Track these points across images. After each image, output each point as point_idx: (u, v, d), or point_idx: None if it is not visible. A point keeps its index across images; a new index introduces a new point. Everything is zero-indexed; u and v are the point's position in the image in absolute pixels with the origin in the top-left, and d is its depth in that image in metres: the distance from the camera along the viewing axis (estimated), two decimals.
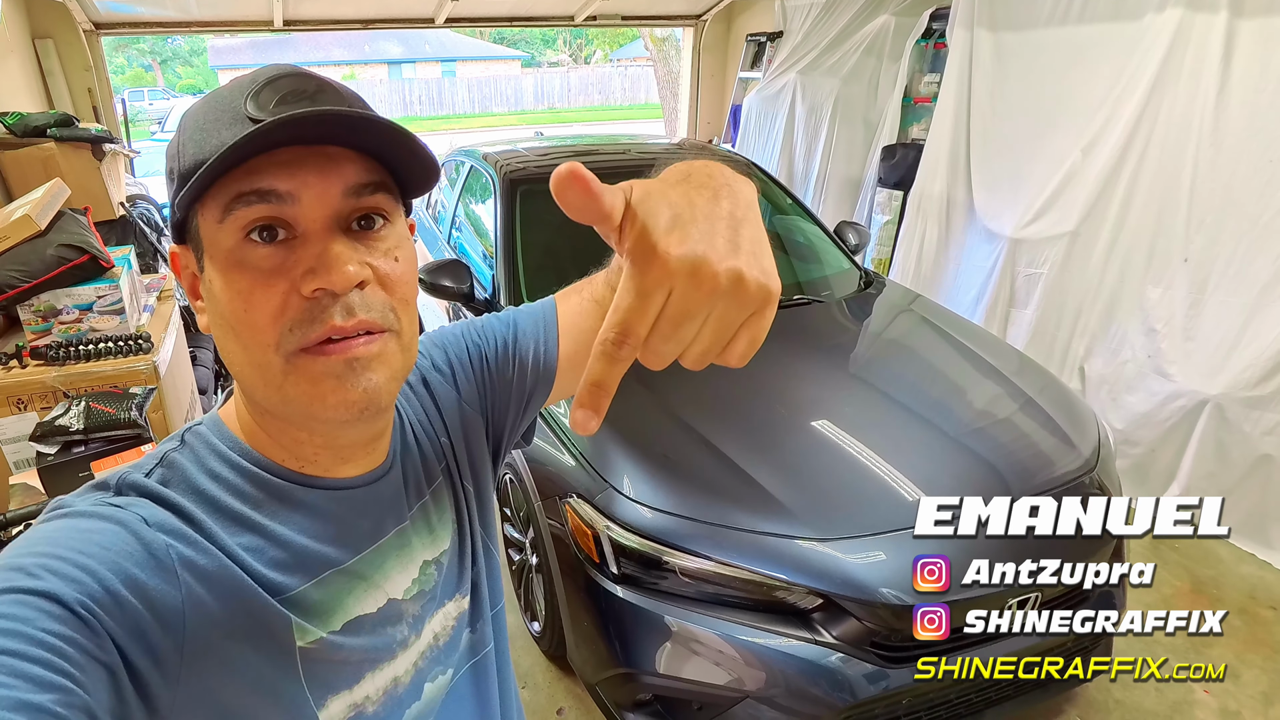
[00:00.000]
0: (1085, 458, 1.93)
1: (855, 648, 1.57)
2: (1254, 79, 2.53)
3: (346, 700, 0.54)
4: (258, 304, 0.47)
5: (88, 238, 1.97)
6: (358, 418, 0.50)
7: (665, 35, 9.62)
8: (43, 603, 0.39)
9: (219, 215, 0.48)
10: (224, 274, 0.48)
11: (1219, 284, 2.68)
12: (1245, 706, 2.08)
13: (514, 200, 2.71)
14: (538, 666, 2.18)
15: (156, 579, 0.45)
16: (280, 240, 0.48)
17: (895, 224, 4.21)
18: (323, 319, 0.48)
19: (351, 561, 0.56)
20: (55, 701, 0.36)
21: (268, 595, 0.50)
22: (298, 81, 0.50)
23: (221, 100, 0.50)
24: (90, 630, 0.40)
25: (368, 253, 0.50)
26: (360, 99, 0.53)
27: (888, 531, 1.65)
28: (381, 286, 0.50)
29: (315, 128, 0.46)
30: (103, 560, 0.43)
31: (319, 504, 0.55)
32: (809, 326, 2.50)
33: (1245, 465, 2.65)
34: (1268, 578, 2.58)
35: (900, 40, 4.26)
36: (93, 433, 1.64)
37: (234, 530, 0.50)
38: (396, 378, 0.52)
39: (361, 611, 0.56)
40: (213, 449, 0.53)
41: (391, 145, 0.50)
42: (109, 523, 0.46)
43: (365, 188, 0.50)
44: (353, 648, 0.55)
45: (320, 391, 0.49)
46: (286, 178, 0.47)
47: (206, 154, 0.47)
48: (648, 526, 1.67)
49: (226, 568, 0.48)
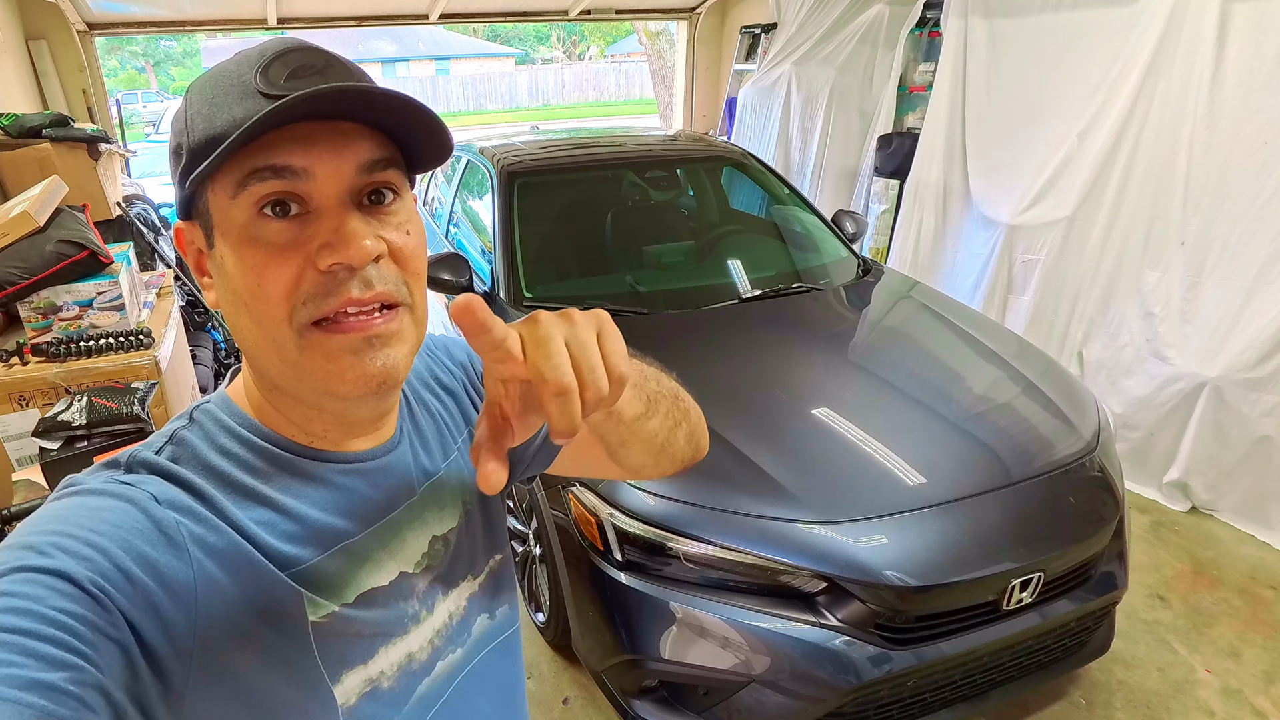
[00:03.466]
0: (1086, 441, 1.94)
1: (860, 630, 1.58)
2: (1248, 61, 2.54)
3: (361, 675, 0.54)
4: (271, 279, 0.47)
5: (87, 234, 1.97)
6: (374, 393, 0.51)
7: (659, 29, 9.61)
8: (54, 581, 0.40)
9: (232, 191, 0.47)
10: (237, 249, 0.48)
11: (1216, 266, 2.69)
12: (1247, 685, 2.09)
13: (511, 193, 2.71)
14: (543, 656, 2.19)
15: (167, 556, 0.45)
16: (294, 215, 0.48)
17: (892, 213, 4.22)
18: (339, 292, 0.48)
19: (363, 535, 0.56)
20: (67, 680, 0.36)
21: (278, 570, 0.50)
22: (306, 56, 0.49)
23: (229, 75, 0.49)
24: (102, 608, 0.40)
25: (380, 227, 0.50)
26: (365, 73, 0.53)
27: (890, 514, 1.66)
28: (394, 260, 0.51)
29: (334, 104, 0.46)
30: (114, 538, 0.43)
31: (330, 477, 0.55)
32: (808, 314, 2.51)
33: (1244, 447, 2.66)
34: (1268, 558, 2.60)
35: (895, 29, 4.26)
36: (95, 427, 1.64)
37: (245, 505, 0.51)
38: (411, 352, 0.53)
39: (374, 584, 0.56)
40: (222, 425, 0.54)
41: (409, 122, 0.50)
42: (119, 500, 0.46)
43: (378, 163, 0.50)
44: (365, 620, 0.55)
45: (339, 368, 0.49)
46: (301, 153, 0.47)
47: (218, 129, 0.47)
48: (651, 513, 1.67)
49: (237, 543, 0.48)
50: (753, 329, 2.35)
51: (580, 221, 2.87)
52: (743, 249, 2.93)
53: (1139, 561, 2.57)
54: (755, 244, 3.02)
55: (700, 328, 2.36)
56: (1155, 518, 2.82)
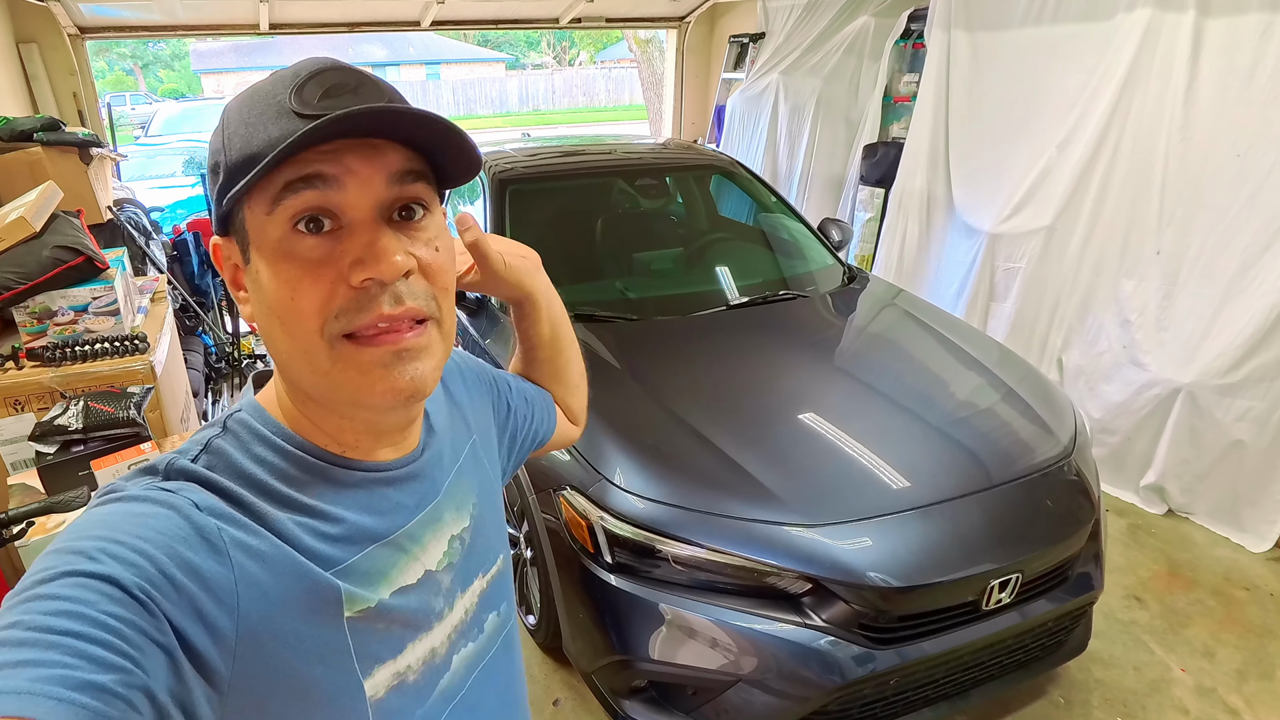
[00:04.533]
0: (1063, 445, 1.99)
1: (844, 630, 1.62)
2: (1221, 75, 2.61)
3: (390, 669, 0.56)
4: (305, 293, 0.49)
5: (82, 240, 1.99)
6: (403, 404, 0.53)
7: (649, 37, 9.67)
8: (103, 586, 0.41)
9: (267, 207, 0.49)
10: (272, 265, 0.50)
11: (1190, 275, 2.76)
12: (1220, 684, 2.15)
13: (503, 200, 2.74)
14: (534, 659, 2.22)
15: (210, 560, 0.46)
16: (327, 231, 0.50)
17: (877, 221, 4.28)
18: (371, 307, 0.50)
19: (394, 535, 0.58)
20: (116, 682, 0.38)
21: (319, 568, 0.51)
22: (340, 75, 0.51)
23: (264, 95, 0.51)
24: (148, 613, 0.41)
25: (410, 243, 0.52)
26: (396, 91, 0.55)
27: (874, 517, 1.71)
28: (424, 276, 0.53)
29: (367, 121, 0.48)
30: (158, 544, 0.44)
31: (361, 483, 0.58)
32: (795, 321, 2.55)
33: (1218, 451, 2.73)
34: (1241, 559, 2.66)
35: (880, 41, 4.33)
36: (91, 432, 1.66)
37: (282, 509, 0.52)
38: (439, 366, 0.55)
39: (405, 582, 0.58)
40: (256, 434, 0.55)
41: (438, 138, 0.52)
42: (161, 507, 0.47)
43: (408, 175, 0.51)
44: (396, 615, 0.57)
45: (369, 380, 0.51)
46: (332, 163, 0.48)
47: (255, 148, 0.49)
48: (641, 516, 1.71)
49: (277, 545, 0.50)
50: (740, 335, 2.40)
51: (570, 228, 2.90)
52: (731, 256, 2.98)
53: (1116, 563, 2.63)
54: (743, 251, 3.07)
55: (688, 334, 2.40)
56: (1133, 520, 2.89)
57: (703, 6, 6.02)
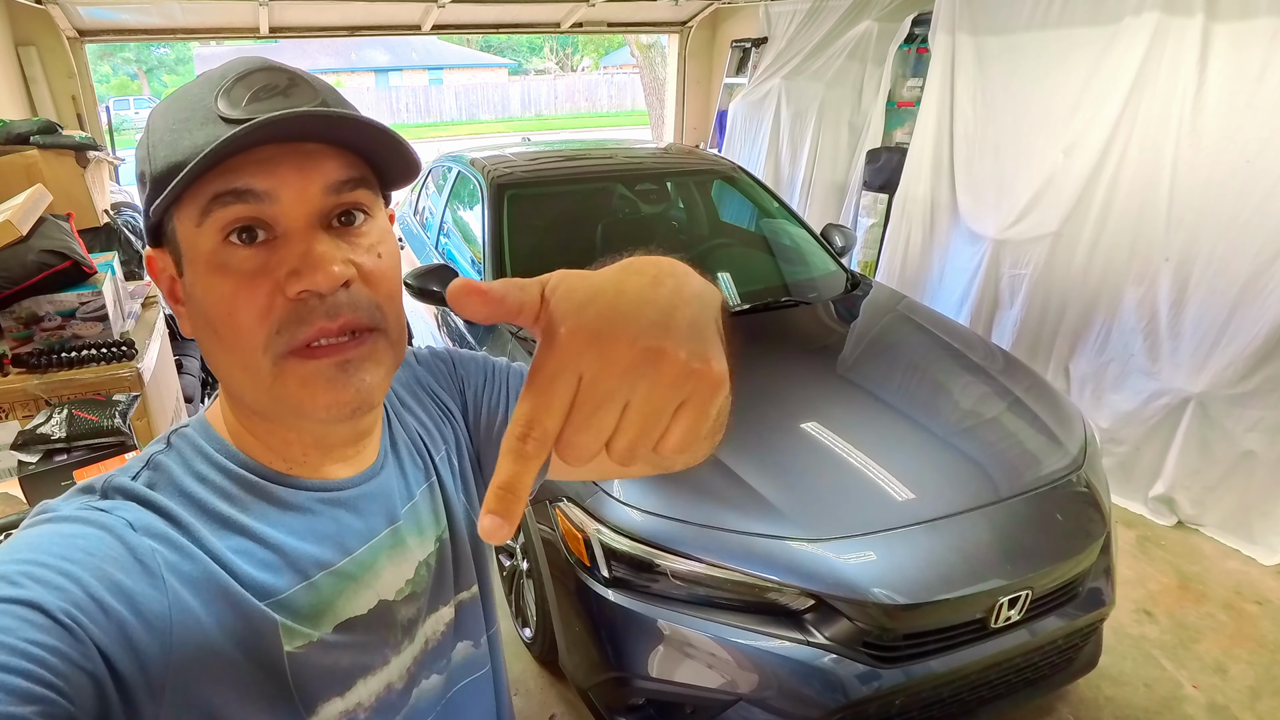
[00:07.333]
0: (1073, 456, 1.94)
1: (847, 648, 1.57)
2: (1229, 80, 2.58)
3: (338, 707, 0.53)
4: (242, 307, 0.47)
5: (70, 243, 1.95)
6: (349, 417, 0.50)
7: (651, 42, 9.66)
8: (26, 611, 0.39)
9: (196, 218, 0.47)
10: (205, 278, 0.48)
11: (1200, 282, 2.71)
12: (1233, 701, 2.10)
13: (501, 204, 2.71)
14: (529, 672, 2.17)
15: (142, 584, 0.44)
16: (261, 241, 0.47)
17: (881, 227, 4.24)
18: (310, 320, 0.47)
19: (343, 562, 0.55)
20: (38, 714, 0.36)
21: (254, 599, 0.49)
22: (269, 76, 0.49)
23: (190, 98, 0.49)
24: (74, 639, 0.39)
25: (350, 250, 0.49)
26: (335, 92, 0.52)
27: (878, 531, 1.66)
28: (366, 284, 0.50)
29: (294, 126, 0.45)
30: (87, 566, 0.42)
31: (308, 505, 0.54)
32: (797, 328, 2.51)
33: (1228, 462, 2.68)
34: (1252, 572, 2.61)
35: (883, 45, 4.29)
36: (75, 441, 1.61)
37: (222, 533, 0.50)
38: (388, 375, 0.52)
39: (353, 613, 0.55)
40: (199, 451, 0.53)
41: (371, 142, 0.49)
42: (93, 527, 0.45)
43: (345, 184, 0.49)
44: (343, 650, 0.54)
45: (312, 393, 0.48)
46: (265, 176, 0.46)
47: (180, 156, 0.46)
48: (638, 529, 1.66)
49: (213, 572, 0.47)
50: (741, 342, 2.35)
51: (570, 233, 2.87)
52: (732, 262, 2.94)
53: (1125, 576, 2.57)
54: (745, 257, 3.03)
55: None
56: (1141, 532, 2.83)
57: (705, 11, 6.00)
